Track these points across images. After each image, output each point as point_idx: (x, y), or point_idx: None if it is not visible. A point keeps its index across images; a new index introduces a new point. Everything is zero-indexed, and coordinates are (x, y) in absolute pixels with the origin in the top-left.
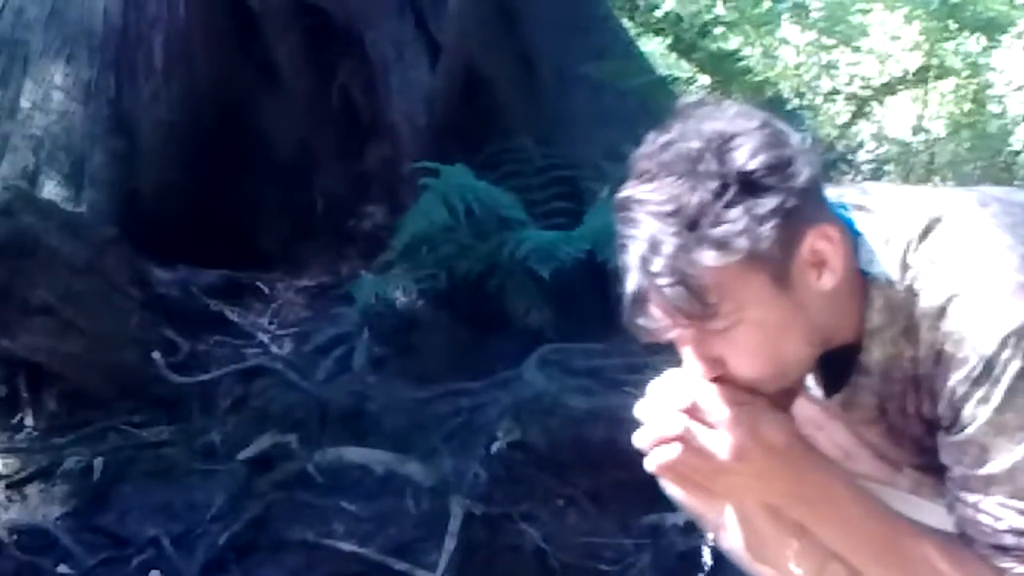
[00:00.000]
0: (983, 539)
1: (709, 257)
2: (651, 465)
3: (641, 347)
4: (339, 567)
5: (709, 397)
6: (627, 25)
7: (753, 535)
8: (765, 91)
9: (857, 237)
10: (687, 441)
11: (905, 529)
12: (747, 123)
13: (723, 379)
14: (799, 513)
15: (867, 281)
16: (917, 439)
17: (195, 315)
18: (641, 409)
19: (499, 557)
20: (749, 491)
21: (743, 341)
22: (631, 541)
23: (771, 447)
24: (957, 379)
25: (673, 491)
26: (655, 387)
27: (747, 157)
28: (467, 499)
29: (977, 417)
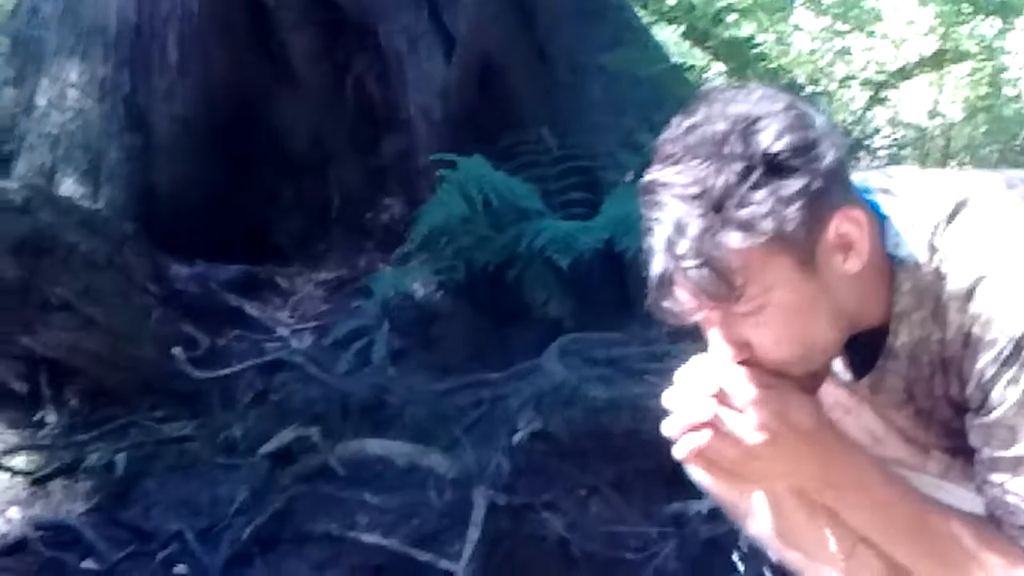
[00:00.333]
0: (1012, 520)
1: (735, 239)
2: (681, 452)
3: (661, 336)
4: (363, 559)
5: (736, 381)
6: (640, 14)
7: (782, 520)
8: (780, 78)
9: (883, 220)
10: (716, 426)
11: (934, 512)
12: (772, 105)
13: (750, 363)
14: (828, 497)
15: (894, 264)
16: (945, 422)
17: (214, 310)
18: (669, 397)
19: (522, 547)
20: (778, 475)
21: (769, 324)
22: (654, 530)
23: (800, 430)
24: (986, 361)
25: (701, 478)
26: (682, 373)
27: (772, 139)
28: (490, 490)
29: (1006, 398)
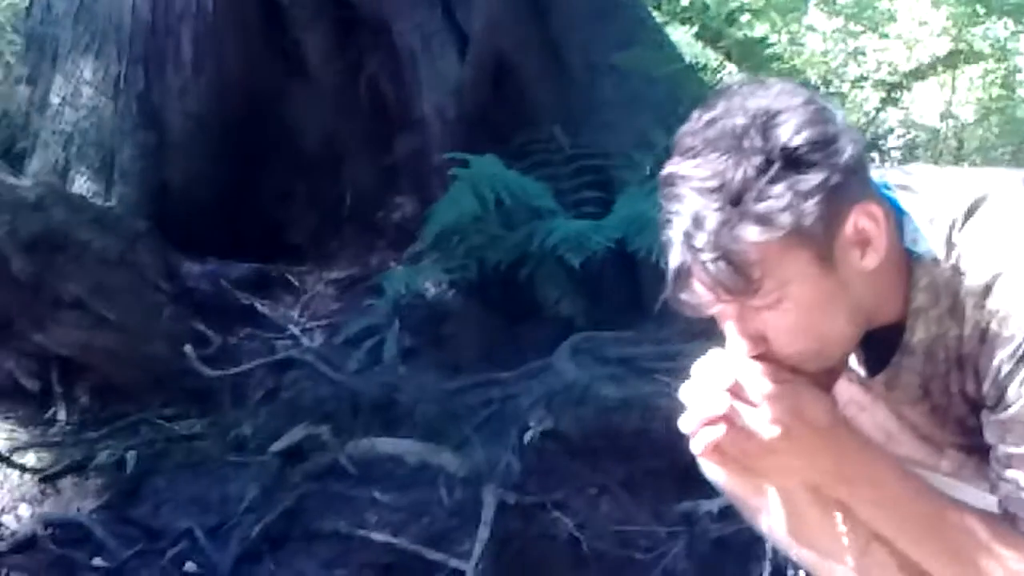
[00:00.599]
0: None
1: (752, 232)
2: (698, 447)
3: (673, 335)
4: (372, 558)
5: (751, 375)
6: (654, 14)
7: (795, 517)
8: (793, 79)
9: (901, 216)
10: (732, 420)
11: (948, 508)
12: (791, 100)
13: (766, 358)
14: (842, 492)
15: (911, 260)
16: (961, 419)
17: (226, 308)
18: (685, 391)
19: (532, 546)
20: (793, 471)
21: (785, 318)
22: (665, 529)
23: (814, 425)
24: (1002, 357)
25: (714, 475)
26: (698, 368)
27: (791, 133)
28: (500, 488)
29: (1022, 395)
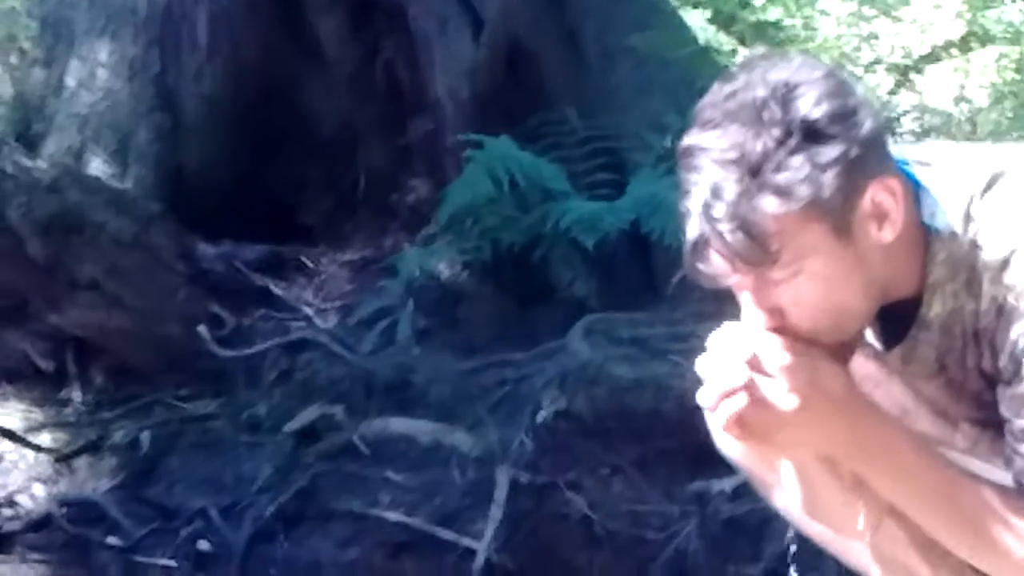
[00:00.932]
0: None
1: (770, 204)
2: (719, 420)
3: (686, 316)
4: (385, 536)
5: (768, 347)
6: None
7: (810, 492)
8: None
9: (919, 190)
10: (751, 391)
11: (963, 479)
12: (812, 73)
13: (782, 330)
14: (858, 464)
15: (929, 235)
16: (976, 393)
17: (240, 289)
18: (701, 364)
19: (545, 525)
20: (809, 442)
21: (802, 291)
22: (677, 508)
23: (831, 396)
24: (1019, 331)
25: (730, 450)
26: (714, 340)
27: (811, 105)
28: (513, 468)
29: None
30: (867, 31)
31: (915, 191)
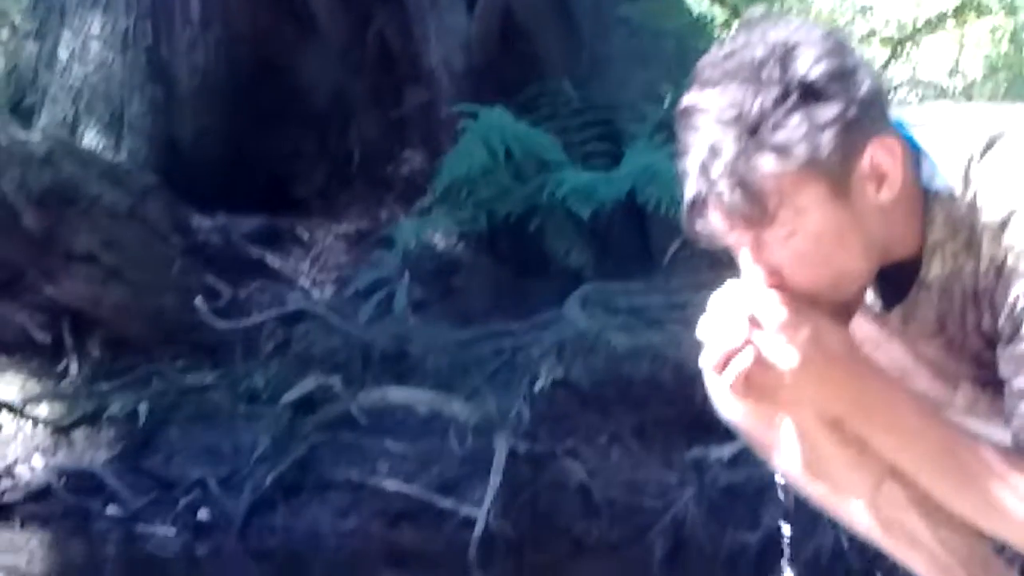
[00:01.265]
0: None
1: (768, 162)
2: (726, 379)
3: (682, 285)
4: (384, 506)
5: (768, 304)
6: None
7: (811, 451)
8: None
9: (918, 151)
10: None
11: (963, 437)
12: (810, 33)
13: (781, 288)
14: (859, 422)
15: (927, 195)
16: (976, 353)
17: (236, 261)
18: (703, 325)
19: (543, 494)
20: (810, 401)
21: (800, 250)
22: (675, 476)
23: (831, 354)
24: (1018, 292)
25: (730, 413)
26: (715, 300)
27: (810, 65)
28: (511, 437)
29: None
30: (861, 3)
31: (914, 152)
